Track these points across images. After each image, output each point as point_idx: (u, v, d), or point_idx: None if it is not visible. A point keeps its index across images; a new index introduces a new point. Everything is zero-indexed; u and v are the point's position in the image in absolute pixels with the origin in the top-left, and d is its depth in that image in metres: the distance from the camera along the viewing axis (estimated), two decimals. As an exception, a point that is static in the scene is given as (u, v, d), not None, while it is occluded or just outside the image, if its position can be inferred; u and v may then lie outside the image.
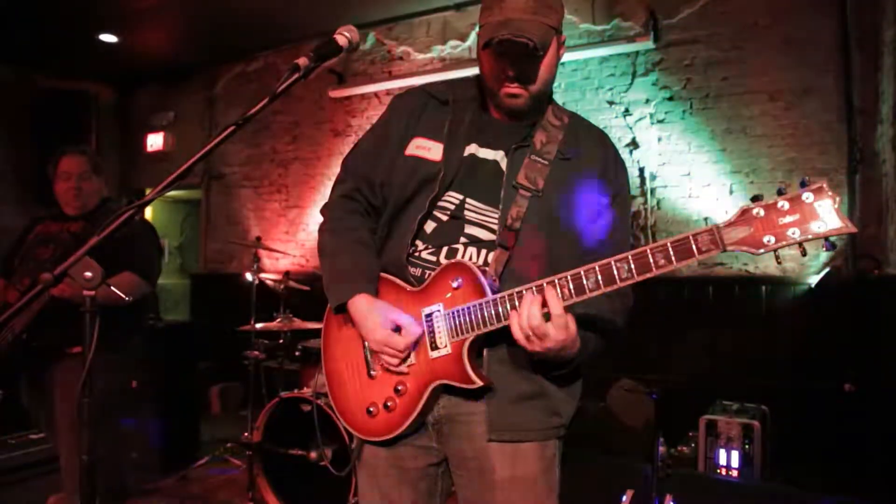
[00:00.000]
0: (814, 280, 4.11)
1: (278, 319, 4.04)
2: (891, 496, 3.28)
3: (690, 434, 3.63)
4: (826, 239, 1.12)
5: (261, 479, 3.40)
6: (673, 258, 1.18)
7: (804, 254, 1.16)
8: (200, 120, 7.00)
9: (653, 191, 4.68)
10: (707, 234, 1.17)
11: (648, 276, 1.21)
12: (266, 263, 6.32)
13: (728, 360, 4.30)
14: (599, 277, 1.24)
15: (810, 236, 1.12)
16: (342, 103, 6.06)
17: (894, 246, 3.64)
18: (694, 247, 1.17)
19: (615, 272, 1.23)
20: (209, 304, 6.79)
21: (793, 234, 1.13)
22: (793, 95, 4.24)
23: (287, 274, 4.23)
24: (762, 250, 1.15)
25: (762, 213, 1.15)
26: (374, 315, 1.42)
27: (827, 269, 4.09)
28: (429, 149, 1.50)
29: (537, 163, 1.46)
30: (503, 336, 1.37)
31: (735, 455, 3.32)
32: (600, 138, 1.59)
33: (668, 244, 1.18)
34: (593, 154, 1.52)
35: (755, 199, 1.16)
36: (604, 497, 2.72)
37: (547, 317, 1.26)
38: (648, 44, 4.61)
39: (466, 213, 1.48)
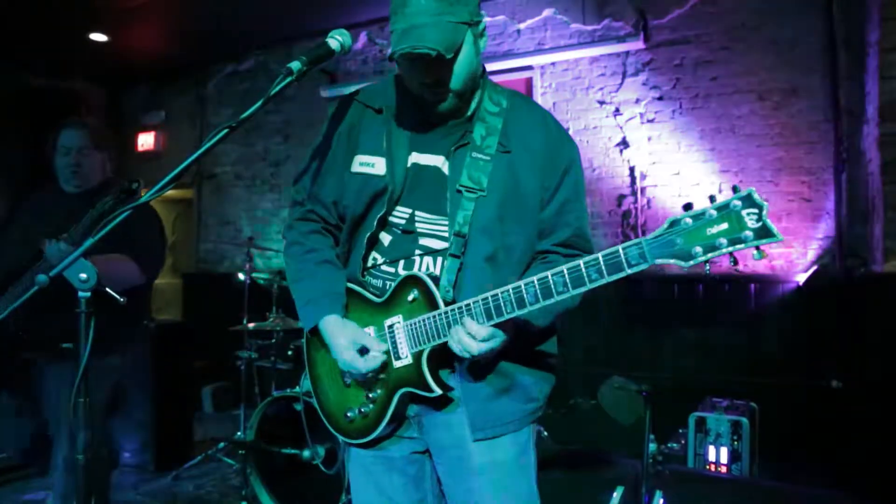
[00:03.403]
0: (801, 278, 4.16)
1: (271, 319, 4.05)
2: (877, 490, 3.33)
3: (680, 431, 3.67)
4: (756, 248, 1.09)
5: (254, 478, 3.41)
6: (604, 272, 1.19)
7: (735, 262, 1.14)
8: (191, 119, 6.98)
9: (643, 190, 4.71)
10: (635, 247, 1.16)
11: (583, 289, 1.22)
12: (258, 263, 6.31)
13: (717, 358, 4.34)
14: (538, 290, 1.26)
15: (739, 246, 1.10)
16: (334, 103, 6.04)
17: (880, 244, 3.68)
18: (623, 260, 1.17)
19: (552, 286, 1.25)
20: (201, 303, 6.77)
21: (720, 244, 1.10)
22: (781, 95, 4.29)
23: (279, 273, 4.23)
24: (691, 262, 1.13)
25: (690, 223, 1.12)
26: (340, 337, 1.47)
27: (815, 268, 4.14)
28: (372, 164, 1.51)
29: (479, 160, 1.45)
30: None
31: (724, 451, 3.36)
32: (541, 118, 1.55)
33: (601, 258, 1.19)
34: (534, 139, 1.50)
35: (686, 207, 1.14)
36: (595, 493, 2.75)
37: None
38: (638, 44, 4.64)
39: (417, 225, 1.49)
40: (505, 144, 1.48)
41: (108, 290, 1.29)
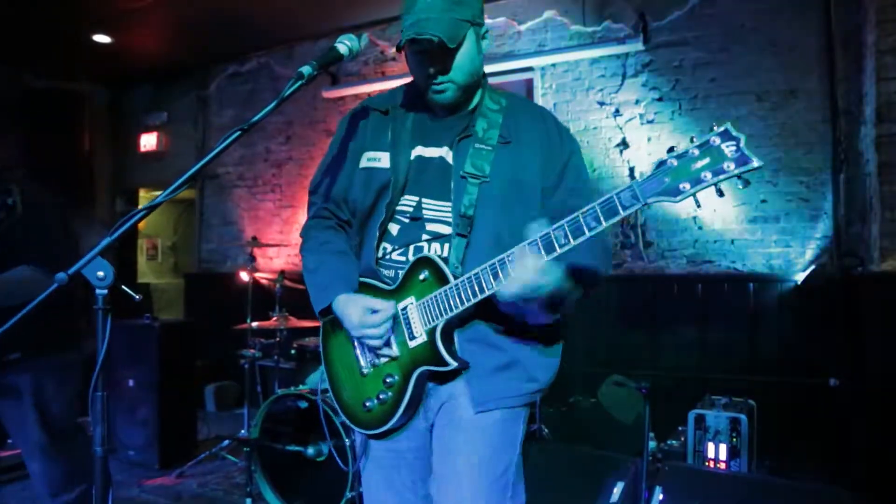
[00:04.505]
0: (800, 277, 4.20)
1: (274, 318, 4.09)
2: (874, 486, 3.37)
3: (680, 428, 3.70)
4: (739, 177, 1.17)
5: (258, 475, 3.45)
6: (602, 219, 1.25)
7: (721, 194, 1.20)
8: (194, 120, 7.01)
9: (643, 190, 4.74)
10: (628, 190, 1.23)
11: (582, 238, 1.28)
12: (260, 263, 6.35)
13: (716, 356, 4.38)
14: (541, 246, 1.31)
15: (722, 176, 1.17)
16: (336, 103, 6.10)
17: (877, 244, 3.72)
18: (618, 204, 1.23)
19: (553, 240, 1.30)
20: (204, 303, 6.81)
21: (705, 177, 1.18)
22: (779, 96, 4.32)
23: (282, 273, 4.27)
24: (680, 197, 1.20)
25: (676, 162, 1.20)
26: (350, 306, 1.53)
27: (812, 267, 4.18)
28: (378, 159, 1.61)
29: (482, 150, 1.54)
30: (472, 316, 1.49)
31: (723, 448, 3.39)
32: (539, 115, 1.66)
33: (597, 206, 1.25)
34: (533, 132, 1.59)
35: (671, 150, 1.21)
36: (595, 490, 2.78)
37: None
38: (638, 45, 4.68)
39: (424, 212, 1.57)
40: (505, 136, 1.57)
41: (123, 287, 1.32)
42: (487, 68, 1.67)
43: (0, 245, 2.20)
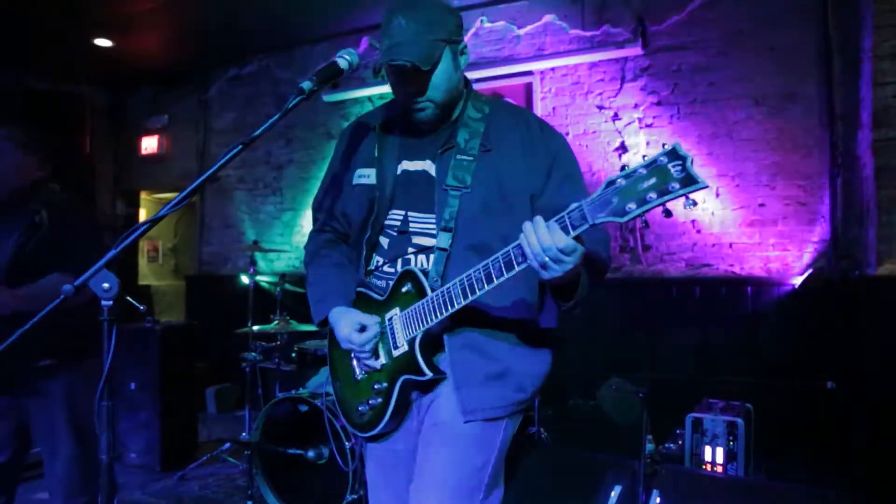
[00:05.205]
0: (797, 281, 4.22)
1: (275, 321, 4.11)
2: (871, 489, 3.39)
3: (677, 431, 3.72)
4: (686, 197, 1.15)
5: (259, 478, 3.47)
6: None
7: (668, 214, 1.20)
8: (194, 123, 7.03)
9: (641, 194, 4.76)
10: (577, 210, 1.22)
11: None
12: (261, 266, 6.37)
13: (714, 359, 4.40)
14: (502, 265, 1.34)
15: (667, 197, 1.16)
16: (336, 106, 6.12)
17: (874, 247, 3.75)
18: (568, 224, 1.23)
19: (512, 258, 1.32)
20: (204, 305, 6.83)
21: (651, 197, 1.16)
22: (777, 101, 4.35)
23: (283, 276, 4.30)
24: (626, 217, 1.19)
25: (624, 182, 1.18)
26: (342, 321, 1.62)
27: (810, 271, 4.20)
28: (368, 176, 1.67)
29: (463, 160, 1.57)
30: (463, 323, 1.52)
31: (720, 451, 3.41)
32: (520, 119, 1.66)
33: (554, 223, 1.25)
34: (514, 137, 1.61)
35: (622, 169, 1.20)
36: (593, 492, 2.81)
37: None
38: (637, 49, 4.70)
39: (411, 225, 1.62)
40: (486, 144, 1.59)
41: (129, 298, 1.35)
42: (487, 72, 1.72)
43: (33, 259, 2.26)
